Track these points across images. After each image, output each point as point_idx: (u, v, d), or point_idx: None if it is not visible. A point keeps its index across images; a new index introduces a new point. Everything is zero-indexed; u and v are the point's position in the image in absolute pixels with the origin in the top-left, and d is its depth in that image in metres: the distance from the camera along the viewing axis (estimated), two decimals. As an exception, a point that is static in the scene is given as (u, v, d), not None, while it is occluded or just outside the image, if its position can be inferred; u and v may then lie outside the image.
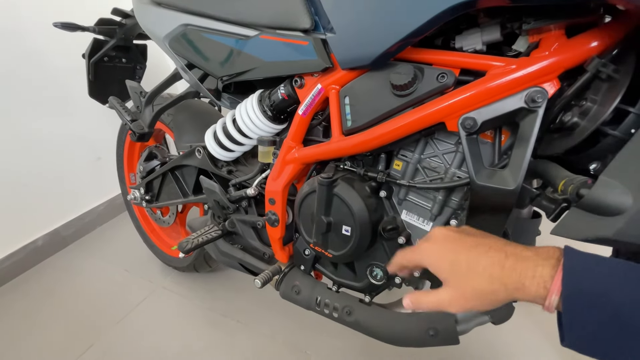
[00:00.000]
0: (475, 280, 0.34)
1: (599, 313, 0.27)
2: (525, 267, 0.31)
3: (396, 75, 0.47)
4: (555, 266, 0.30)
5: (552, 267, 0.30)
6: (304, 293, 0.70)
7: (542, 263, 0.31)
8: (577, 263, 0.29)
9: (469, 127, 0.43)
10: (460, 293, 0.35)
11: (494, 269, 0.33)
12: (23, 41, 1.25)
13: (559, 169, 0.40)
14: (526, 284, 0.31)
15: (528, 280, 0.31)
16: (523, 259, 0.32)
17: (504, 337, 0.98)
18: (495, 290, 0.33)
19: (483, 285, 0.33)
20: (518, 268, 0.31)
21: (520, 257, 0.32)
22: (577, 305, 0.28)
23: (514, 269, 0.31)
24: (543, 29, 0.39)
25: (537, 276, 0.30)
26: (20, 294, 1.25)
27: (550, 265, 0.30)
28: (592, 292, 0.28)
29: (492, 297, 0.33)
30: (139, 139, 0.90)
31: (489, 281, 0.33)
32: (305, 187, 0.62)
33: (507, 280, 0.32)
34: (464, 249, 0.36)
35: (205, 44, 0.68)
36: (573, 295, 0.28)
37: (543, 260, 0.31)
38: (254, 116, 0.67)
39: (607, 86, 0.36)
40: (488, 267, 0.33)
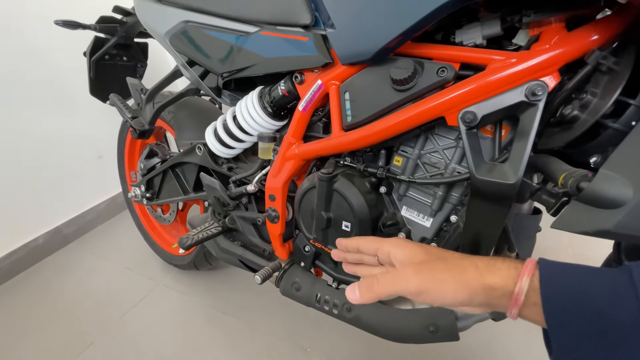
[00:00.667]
0: (445, 275, 0.34)
1: (578, 313, 0.28)
2: (495, 260, 0.33)
3: (396, 70, 0.47)
4: (521, 263, 0.31)
5: (521, 263, 0.32)
6: (304, 290, 0.70)
7: (510, 261, 0.32)
8: (548, 263, 0.30)
9: (469, 122, 0.43)
10: (428, 280, 0.34)
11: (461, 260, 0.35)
12: (25, 39, 1.26)
13: (559, 163, 0.40)
14: (497, 265, 0.32)
15: (500, 262, 0.32)
16: (493, 261, 0.33)
17: (503, 333, 0.98)
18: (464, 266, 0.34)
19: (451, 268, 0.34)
20: (488, 258, 0.33)
21: (491, 261, 0.33)
22: (556, 308, 0.29)
23: (487, 269, 0.32)
24: (543, 22, 0.39)
25: (508, 261, 0.32)
26: (22, 291, 1.26)
27: (518, 263, 0.32)
28: (569, 293, 0.28)
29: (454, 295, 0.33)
30: (139, 136, 0.90)
31: (459, 268, 0.34)
32: (305, 183, 0.62)
33: (479, 262, 0.33)
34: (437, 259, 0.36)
35: (206, 40, 0.68)
36: (551, 300, 0.29)
37: (511, 260, 0.33)
38: (254, 113, 0.67)
39: (608, 79, 0.36)
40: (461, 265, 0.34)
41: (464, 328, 0.60)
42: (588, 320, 0.27)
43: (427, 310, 0.61)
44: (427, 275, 0.34)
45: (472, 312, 0.34)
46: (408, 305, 0.63)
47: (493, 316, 0.59)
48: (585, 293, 0.28)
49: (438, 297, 0.33)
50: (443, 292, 0.33)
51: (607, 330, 0.27)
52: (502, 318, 0.59)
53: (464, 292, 0.32)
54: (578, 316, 0.28)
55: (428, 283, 0.34)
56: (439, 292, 0.33)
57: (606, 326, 0.27)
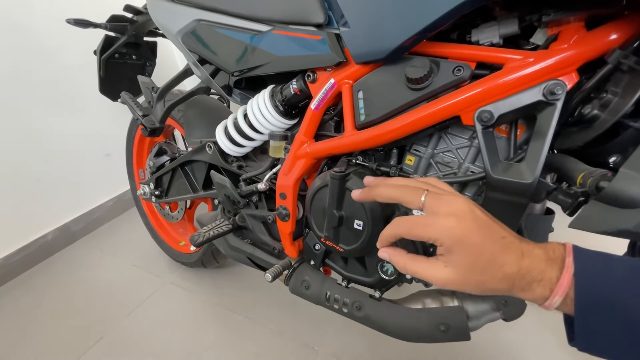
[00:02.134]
0: (486, 275, 0.32)
1: (609, 316, 0.28)
2: (537, 271, 0.31)
3: (412, 69, 0.47)
4: (560, 268, 0.30)
5: (558, 269, 0.30)
6: (314, 288, 0.70)
7: (550, 265, 0.31)
8: (586, 266, 0.29)
9: (486, 121, 0.43)
10: (464, 281, 0.33)
11: (510, 268, 0.31)
12: (35, 37, 1.27)
13: (576, 163, 0.40)
14: (533, 287, 0.31)
15: (535, 283, 0.31)
16: (537, 260, 0.31)
17: (513, 333, 0.97)
18: (500, 288, 0.32)
19: (493, 283, 0.32)
20: (531, 271, 0.31)
21: (534, 259, 0.31)
22: (588, 309, 0.29)
23: (528, 271, 0.31)
24: (562, 21, 0.39)
25: (545, 279, 0.30)
26: (31, 287, 1.27)
27: (557, 267, 0.30)
28: (602, 296, 0.28)
29: (492, 292, 0.33)
30: (150, 134, 0.91)
31: (500, 280, 0.31)
32: (317, 182, 0.62)
33: (517, 281, 0.31)
34: (491, 238, 0.32)
35: (218, 39, 0.69)
36: (584, 300, 0.29)
37: (551, 262, 0.31)
38: (265, 111, 0.68)
39: (629, 78, 0.36)
40: (505, 265, 0.31)
41: (475, 328, 0.60)
42: (617, 327, 0.28)
43: (438, 309, 0.61)
44: (461, 278, 0.33)
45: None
46: (419, 304, 0.63)
47: (504, 316, 0.59)
48: (617, 300, 0.28)
49: (469, 290, 0.33)
50: (472, 290, 0.33)
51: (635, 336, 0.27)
52: (514, 318, 0.59)
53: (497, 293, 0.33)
54: (608, 321, 0.28)
55: (459, 285, 0.33)
56: (467, 290, 0.33)
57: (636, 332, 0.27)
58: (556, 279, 0.30)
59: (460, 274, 0.32)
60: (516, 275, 0.31)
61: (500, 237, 0.32)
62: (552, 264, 0.31)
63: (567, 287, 0.29)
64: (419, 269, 0.35)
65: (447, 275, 0.33)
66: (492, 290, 0.32)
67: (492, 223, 0.33)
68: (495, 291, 0.32)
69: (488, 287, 0.32)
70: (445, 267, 0.33)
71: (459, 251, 0.32)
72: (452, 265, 0.33)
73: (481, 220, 0.33)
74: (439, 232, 0.33)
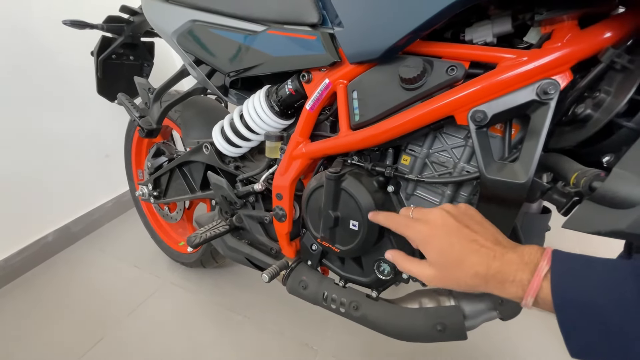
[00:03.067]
0: (459, 272, 0.37)
1: (590, 320, 0.29)
2: (508, 271, 0.34)
3: (405, 69, 0.46)
4: (532, 271, 0.32)
5: (530, 272, 0.33)
6: (311, 288, 0.70)
7: (522, 268, 0.33)
8: (564, 272, 0.31)
9: (479, 121, 0.43)
10: (441, 276, 0.39)
11: (480, 267, 0.35)
12: (33, 39, 1.27)
13: (570, 162, 0.39)
14: (506, 286, 0.34)
15: (508, 283, 0.34)
16: (508, 263, 0.34)
17: (511, 333, 0.97)
18: (476, 285, 0.36)
19: (466, 279, 0.37)
20: (502, 271, 0.34)
21: (505, 261, 0.34)
22: (568, 315, 0.30)
23: (498, 271, 0.34)
24: (555, 20, 0.38)
25: (517, 280, 0.33)
26: (31, 288, 1.28)
27: (529, 270, 0.33)
28: (580, 300, 0.29)
29: (471, 288, 0.37)
30: (147, 135, 0.91)
31: (472, 277, 0.36)
32: (313, 182, 0.62)
33: (489, 280, 0.35)
34: (458, 242, 0.38)
35: (213, 39, 0.68)
36: (564, 306, 0.30)
37: (524, 265, 0.33)
38: (261, 111, 0.67)
39: (622, 77, 0.36)
40: (476, 265, 0.36)
41: (472, 327, 0.60)
42: (598, 329, 0.28)
43: (434, 309, 0.61)
44: (439, 274, 0.39)
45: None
46: (415, 304, 0.63)
47: (501, 315, 0.59)
48: (594, 304, 0.29)
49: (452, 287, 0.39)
50: (454, 287, 0.39)
51: (617, 340, 0.27)
52: (511, 317, 0.58)
53: (475, 289, 0.37)
54: (589, 326, 0.29)
55: (441, 281, 0.39)
56: (449, 286, 0.39)
57: (616, 336, 0.27)
58: (527, 282, 0.32)
59: (439, 270, 0.39)
60: (487, 274, 0.35)
61: (469, 240, 0.37)
62: (524, 267, 0.33)
63: (536, 289, 0.32)
64: (410, 267, 0.43)
65: (429, 272, 0.40)
66: (470, 286, 0.37)
67: (463, 229, 0.39)
68: (474, 287, 0.37)
69: (465, 283, 0.37)
70: (429, 266, 0.40)
71: (430, 250, 0.40)
72: (432, 264, 0.40)
73: (450, 227, 0.39)
74: (412, 232, 0.43)
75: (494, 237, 0.38)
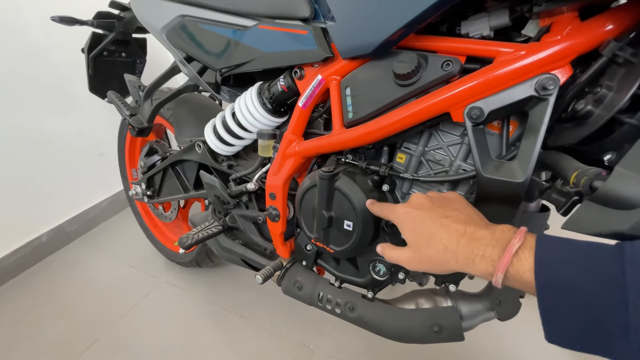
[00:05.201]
0: (431, 248, 0.38)
1: (571, 305, 0.28)
2: (477, 246, 0.34)
3: (399, 64, 0.45)
4: (504, 247, 0.33)
5: (502, 248, 0.33)
6: (306, 289, 0.69)
7: (493, 244, 0.34)
8: (548, 254, 0.30)
9: (475, 118, 0.41)
10: (416, 256, 0.40)
11: (449, 242, 0.37)
12: (22, 36, 1.24)
13: (570, 160, 0.38)
14: (476, 261, 0.34)
15: (478, 258, 0.34)
16: (477, 238, 0.35)
17: (509, 333, 0.97)
18: (447, 259, 0.37)
19: (437, 253, 0.38)
20: (470, 246, 0.35)
21: (475, 236, 0.35)
22: (550, 297, 0.29)
23: (466, 246, 0.35)
24: (555, 12, 0.37)
25: (487, 256, 0.34)
26: (26, 289, 1.26)
27: (500, 246, 0.33)
28: (562, 283, 0.29)
29: (444, 265, 0.38)
30: (138, 133, 0.89)
31: (443, 251, 0.37)
32: (306, 182, 0.61)
33: (459, 254, 0.36)
34: (429, 219, 0.39)
35: (203, 35, 0.67)
36: (545, 288, 0.30)
37: (495, 241, 0.34)
38: (253, 109, 0.66)
39: (624, 71, 0.34)
40: (444, 239, 0.37)
41: (469, 328, 0.59)
42: (579, 313, 0.28)
43: (431, 310, 0.60)
44: (414, 253, 0.41)
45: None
46: (412, 304, 0.62)
47: (499, 315, 0.58)
48: (577, 287, 0.28)
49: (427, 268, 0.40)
50: (429, 267, 0.40)
51: (596, 323, 0.27)
52: (508, 318, 0.57)
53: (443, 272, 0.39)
54: (570, 309, 0.28)
55: (417, 262, 0.41)
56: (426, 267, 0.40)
57: (596, 319, 0.27)
58: (497, 257, 0.33)
59: (414, 251, 0.41)
60: (457, 249, 0.36)
61: (440, 216, 0.39)
62: (495, 243, 0.34)
63: (506, 265, 0.32)
64: (392, 253, 0.45)
65: (406, 254, 0.42)
66: (443, 262, 0.37)
67: (437, 209, 0.40)
68: (445, 264, 0.37)
69: (438, 258, 0.38)
70: (407, 249, 0.42)
71: (405, 229, 0.42)
72: (408, 246, 0.42)
73: (425, 206, 0.41)
74: (394, 215, 0.45)
75: (467, 217, 0.38)
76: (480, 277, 0.35)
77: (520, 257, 0.32)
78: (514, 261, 0.32)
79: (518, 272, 0.31)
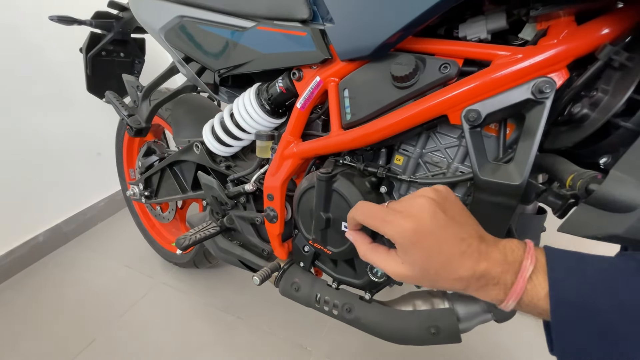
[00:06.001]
0: (442, 277, 0.32)
1: (584, 320, 0.27)
2: (493, 275, 0.31)
3: (397, 66, 0.45)
4: (516, 272, 0.30)
5: (514, 273, 0.30)
6: (304, 290, 0.69)
7: (506, 268, 0.31)
8: (561, 271, 0.29)
9: (473, 120, 0.41)
10: (418, 279, 0.34)
11: (465, 272, 0.31)
12: (20, 35, 1.24)
13: (566, 163, 0.38)
14: (488, 289, 0.32)
15: (491, 286, 0.31)
16: (493, 264, 0.31)
17: (505, 335, 0.97)
18: (455, 287, 0.33)
19: (447, 283, 0.32)
20: (486, 275, 0.31)
21: (491, 263, 0.31)
22: (562, 315, 0.28)
23: (482, 276, 0.31)
24: (552, 16, 0.37)
25: (501, 284, 0.31)
26: (22, 289, 1.26)
27: (512, 271, 0.31)
28: (576, 300, 0.28)
29: (448, 289, 0.33)
30: (136, 134, 0.89)
31: (454, 281, 0.32)
32: (304, 183, 0.61)
33: (472, 283, 0.32)
34: (447, 244, 0.32)
35: (202, 36, 0.67)
36: (559, 306, 0.28)
37: (508, 266, 0.31)
38: (251, 110, 0.66)
39: (620, 75, 0.34)
40: (460, 270, 0.31)
41: (466, 330, 0.59)
42: (595, 332, 0.27)
43: (428, 311, 0.60)
44: (415, 276, 0.34)
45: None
46: (409, 306, 0.62)
47: (496, 317, 0.58)
48: (590, 305, 0.27)
49: (424, 286, 0.35)
50: (426, 287, 0.35)
51: (614, 342, 0.26)
52: (505, 319, 0.58)
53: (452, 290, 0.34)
54: (582, 327, 0.27)
55: (413, 281, 0.34)
56: (422, 285, 0.35)
57: (614, 338, 0.26)
58: (511, 284, 0.30)
59: (415, 272, 0.33)
60: (471, 278, 0.31)
61: (458, 239, 0.32)
62: (508, 267, 0.31)
63: (520, 292, 0.30)
64: (377, 260, 0.36)
65: (403, 272, 0.34)
66: (447, 288, 0.34)
67: (452, 224, 0.33)
68: (451, 289, 0.34)
69: (442, 286, 0.33)
70: (402, 264, 0.34)
71: (413, 252, 0.32)
72: (408, 263, 0.33)
73: (440, 222, 0.32)
74: (396, 231, 0.33)
75: (477, 232, 0.34)
76: (489, 301, 0.32)
77: (534, 283, 0.30)
78: (528, 287, 0.30)
79: (532, 300, 0.30)
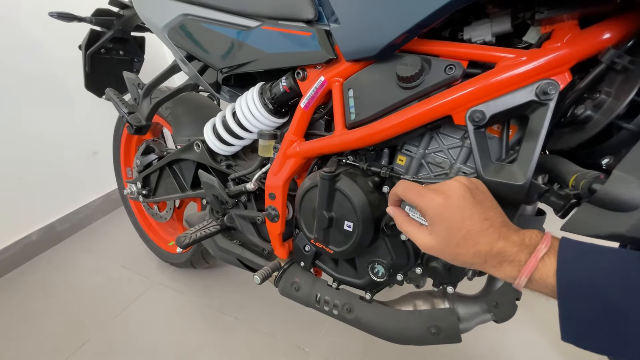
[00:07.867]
0: (462, 248, 0.37)
1: (591, 304, 0.29)
2: (509, 253, 0.35)
3: (403, 67, 0.46)
4: (530, 252, 0.34)
5: (529, 253, 0.34)
6: (304, 290, 0.69)
7: (522, 249, 0.34)
8: (571, 255, 0.31)
9: (477, 121, 0.42)
10: (440, 248, 0.38)
11: (484, 247, 0.36)
12: (19, 31, 1.23)
13: (569, 164, 0.39)
14: (503, 266, 0.35)
15: (506, 263, 0.35)
16: (511, 244, 0.35)
17: (505, 335, 0.98)
18: (474, 262, 0.37)
19: (466, 254, 0.37)
20: (503, 253, 0.35)
21: (509, 243, 0.35)
22: (570, 297, 0.30)
23: (499, 253, 0.35)
24: (556, 19, 0.38)
25: (515, 261, 0.34)
26: (15, 288, 1.24)
27: (527, 251, 0.34)
28: (584, 284, 0.30)
29: (467, 264, 0.37)
30: (136, 131, 0.88)
31: (473, 255, 0.36)
32: (307, 182, 0.61)
33: (488, 259, 0.36)
34: (470, 219, 0.36)
35: (206, 34, 0.67)
36: (567, 287, 0.30)
37: (525, 247, 0.34)
38: (254, 109, 0.66)
39: (622, 78, 0.35)
40: (479, 244, 0.36)
41: (466, 330, 0.59)
42: (599, 313, 0.28)
43: (428, 311, 0.60)
44: (440, 246, 0.38)
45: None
46: (409, 306, 0.62)
47: (495, 317, 0.59)
48: (599, 288, 0.29)
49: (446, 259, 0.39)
50: (448, 260, 0.39)
51: (618, 324, 0.28)
52: (505, 320, 0.58)
53: (470, 266, 0.38)
54: (590, 308, 0.29)
55: (437, 252, 0.39)
56: (444, 258, 0.39)
57: (617, 321, 0.28)
58: (524, 262, 0.33)
59: (440, 242, 0.38)
60: (488, 254, 0.35)
61: (482, 219, 0.36)
62: (524, 248, 0.34)
63: (532, 269, 0.33)
64: (410, 230, 0.42)
65: (429, 242, 0.39)
66: (467, 263, 0.37)
67: (478, 205, 0.37)
68: (470, 264, 0.37)
69: (463, 259, 0.37)
70: (429, 234, 0.39)
71: (439, 223, 0.38)
72: (434, 234, 0.38)
73: (467, 201, 0.37)
74: (426, 203, 0.39)
75: (501, 217, 0.38)
76: (502, 279, 0.36)
77: (545, 262, 0.32)
78: (540, 265, 0.32)
79: (542, 277, 0.32)
